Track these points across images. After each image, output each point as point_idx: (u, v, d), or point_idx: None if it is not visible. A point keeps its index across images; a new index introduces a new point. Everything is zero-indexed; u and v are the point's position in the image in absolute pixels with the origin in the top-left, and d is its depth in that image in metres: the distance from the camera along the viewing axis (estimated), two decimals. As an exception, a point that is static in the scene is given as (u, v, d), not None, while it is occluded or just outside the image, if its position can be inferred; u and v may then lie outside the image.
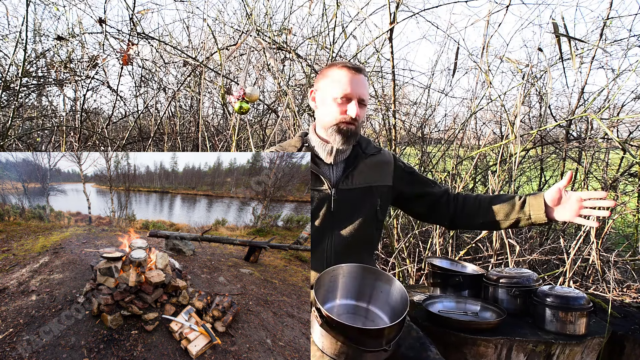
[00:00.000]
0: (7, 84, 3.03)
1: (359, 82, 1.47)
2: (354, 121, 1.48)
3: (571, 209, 1.52)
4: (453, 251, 3.14)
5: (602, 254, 2.67)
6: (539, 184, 3.81)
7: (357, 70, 1.49)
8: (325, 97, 1.52)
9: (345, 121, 1.48)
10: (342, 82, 1.47)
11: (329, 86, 1.50)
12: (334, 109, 1.48)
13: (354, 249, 1.59)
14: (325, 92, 1.52)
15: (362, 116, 1.52)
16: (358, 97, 1.46)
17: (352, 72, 1.47)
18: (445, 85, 4.28)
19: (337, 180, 1.57)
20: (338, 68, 1.49)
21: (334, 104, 1.48)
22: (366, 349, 1.21)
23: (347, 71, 1.47)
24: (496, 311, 1.77)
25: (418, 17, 2.92)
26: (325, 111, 1.52)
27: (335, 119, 1.48)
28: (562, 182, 1.53)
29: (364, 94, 1.49)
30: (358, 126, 1.52)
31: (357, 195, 1.58)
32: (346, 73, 1.47)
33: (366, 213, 1.60)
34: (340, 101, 1.47)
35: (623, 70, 2.96)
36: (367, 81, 1.53)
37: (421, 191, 1.70)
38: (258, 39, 2.80)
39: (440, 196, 1.70)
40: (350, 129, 1.49)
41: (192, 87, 3.75)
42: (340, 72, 1.48)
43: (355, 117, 1.47)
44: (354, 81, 1.46)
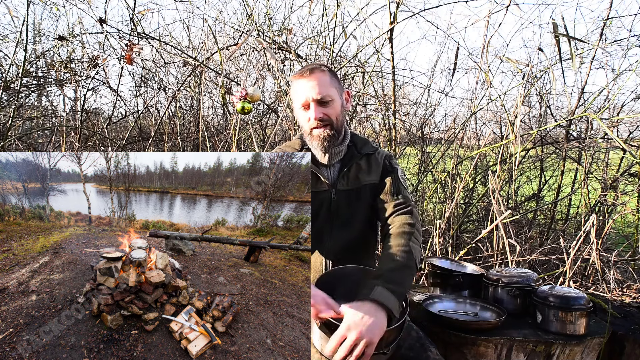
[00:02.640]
0: (7, 84, 3.03)
1: (312, 84, 1.47)
2: (322, 123, 1.48)
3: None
4: (453, 251, 3.14)
5: (602, 254, 2.67)
6: (539, 184, 3.81)
7: (308, 72, 1.48)
8: (295, 110, 1.57)
9: (314, 126, 1.49)
10: (298, 92, 1.50)
11: (293, 99, 1.55)
12: (302, 119, 1.53)
13: (354, 249, 1.59)
14: (293, 104, 1.58)
15: (333, 114, 1.49)
16: (313, 99, 1.47)
17: (304, 77, 1.48)
18: (445, 85, 4.28)
19: (334, 180, 1.57)
20: (295, 79, 1.53)
21: (301, 115, 1.53)
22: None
23: (299, 78, 1.50)
24: (496, 311, 1.77)
25: (418, 17, 2.93)
26: (300, 123, 1.57)
27: (307, 127, 1.52)
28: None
29: (321, 92, 1.46)
30: (334, 126, 1.50)
31: (353, 195, 1.58)
32: (299, 81, 1.50)
33: (363, 213, 1.60)
34: (303, 110, 1.51)
35: (623, 70, 2.96)
36: (325, 73, 1.49)
37: (381, 194, 1.60)
38: (258, 39, 2.80)
39: (385, 211, 1.56)
40: (323, 133, 1.49)
41: (192, 87, 3.75)
42: (296, 83, 1.51)
43: (318, 119, 1.47)
44: (307, 86, 1.47)
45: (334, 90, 1.51)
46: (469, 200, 3.82)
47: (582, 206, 3.33)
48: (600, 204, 3.14)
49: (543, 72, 3.28)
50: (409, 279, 1.35)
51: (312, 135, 1.51)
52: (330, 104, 1.49)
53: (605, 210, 3.19)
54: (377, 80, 3.52)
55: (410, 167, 4.21)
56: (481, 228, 3.44)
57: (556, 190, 3.48)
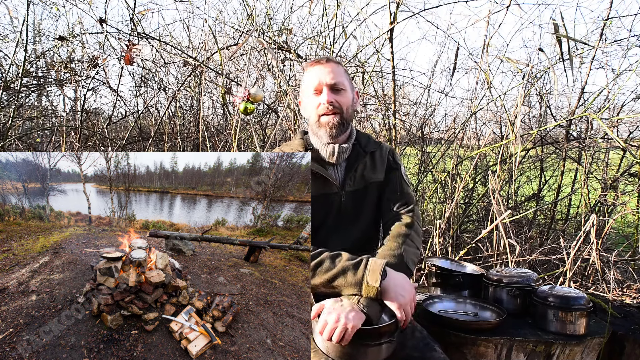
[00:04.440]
0: (7, 84, 3.03)
1: (326, 71, 1.49)
2: (332, 111, 1.48)
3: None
4: (453, 251, 3.14)
5: (602, 254, 2.67)
6: (539, 184, 3.81)
7: (325, 60, 1.51)
8: (304, 99, 1.57)
9: (323, 112, 1.49)
10: (311, 77, 1.51)
11: (303, 88, 1.56)
12: (311, 106, 1.52)
13: (357, 247, 1.59)
14: (303, 94, 1.58)
15: (344, 103, 1.50)
16: (327, 84, 1.48)
17: (318, 64, 1.50)
18: (445, 85, 4.29)
19: (342, 181, 1.57)
20: (310, 66, 1.54)
21: (309, 100, 1.52)
22: (371, 342, 1.25)
23: (314, 65, 1.51)
24: (496, 311, 1.77)
25: (418, 17, 2.93)
26: (307, 113, 1.56)
27: (314, 113, 1.51)
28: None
29: (335, 78, 1.48)
30: (343, 115, 1.51)
31: (360, 194, 1.58)
32: (314, 67, 1.51)
33: (369, 211, 1.61)
34: (313, 95, 1.50)
35: (623, 70, 2.97)
36: (339, 66, 1.53)
37: (384, 192, 1.64)
38: (259, 39, 2.80)
39: (388, 208, 1.60)
40: (331, 120, 1.48)
41: (192, 87, 3.75)
42: (311, 70, 1.52)
43: (329, 102, 1.47)
44: (322, 71, 1.49)
45: (347, 82, 1.53)
46: (469, 200, 3.82)
47: (582, 206, 3.33)
48: (600, 204, 3.15)
49: (543, 72, 3.28)
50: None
51: (319, 123, 1.50)
52: (342, 92, 1.50)
53: (605, 210, 3.19)
54: (377, 80, 3.52)
55: (410, 167, 4.21)
56: (481, 228, 3.44)
57: (556, 190, 3.48)
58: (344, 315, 1.22)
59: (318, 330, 1.25)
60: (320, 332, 1.24)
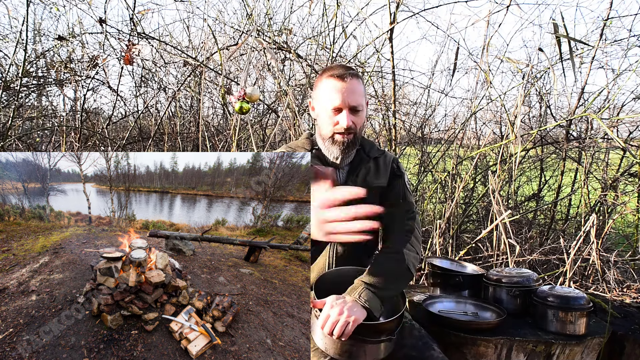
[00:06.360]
0: (7, 84, 3.03)
1: (347, 90, 1.42)
2: (348, 131, 1.46)
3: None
4: (453, 251, 3.14)
5: (602, 254, 2.67)
6: (539, 184, 3.81)
7: (344, 77, 1.43)
8: (319, 108, 1.51)
9: (339, 132, 1.46)
10: (331, 94, 1.44)
11: (321, 97, 1.48)
12: (327, 121, 1.47)
13: (356, 252, 1.59)
14: (318, 103, 1.51)
15: (359, 123, 1.48)
16: (348, 105, 1.43)
17: (339, 81, 1.43)
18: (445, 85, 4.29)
19: (342, 184, 1.57)
20: (326, 78, 1.47)
21: (327, 116, 1.47)
22: (370, 339, 1.26)
23: (334, 81, 1.43)
24: (496, 311, 1.77)
25: (418, 17, 2.93)
26: (320, 122, 1.52)
27: (330, 131, 1.48)
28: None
29: (356, 100, 1.43)
30: (356, 134, 1.49)
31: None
32: (334, 83, 1.43)
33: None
34: (331, 113, 1.45)
35: (623, 70, 2.97)
36: (360, 81, 1.47)
37: (386, 197, 1.61)
38: (258, 39, 2.80)
39: (389, 215, 1.53)
40: (345, 140, 1.47)
41: (192, 87, 3.75)
42: (328, 83, 1.45)
43: (348, 127, 1.44)
44: (342, 90, 1.42)
45: (364, 100, 1.50)
46: (469, 200, 3.82)
47: (582, 206, 3.33)
48: (600, 204, 3.15)
49: (543, 72, 3.28)
50: (396, 283, 1.41)
51: (332, 139, 1.48)
52: (360, 113, 1.47)
53: (605, 210, 3.19)
54: (377, 80, 3.52)
55: (410, 167, 4.21)
56: (481, 228, 3.44)
57: (556, 190, 3.48)
58: (347, 308, 1.24)
59: (320, 324, 1.26)
60: (322, 326, 1.24)
